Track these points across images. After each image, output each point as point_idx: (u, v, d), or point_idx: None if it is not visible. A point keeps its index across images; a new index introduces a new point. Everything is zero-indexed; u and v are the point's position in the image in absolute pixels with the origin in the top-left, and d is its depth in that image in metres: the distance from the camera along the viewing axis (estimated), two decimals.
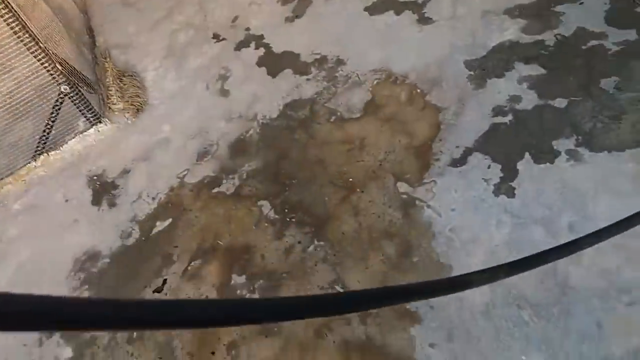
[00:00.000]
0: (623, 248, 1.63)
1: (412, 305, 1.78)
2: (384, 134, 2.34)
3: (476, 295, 1.72)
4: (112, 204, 2.73)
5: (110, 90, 3.34)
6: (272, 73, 2.88)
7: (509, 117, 2.11)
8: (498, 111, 2.16)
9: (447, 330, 1.68)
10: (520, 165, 1.96)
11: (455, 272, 1.79)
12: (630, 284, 1.56)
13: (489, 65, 2.31)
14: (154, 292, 2.32)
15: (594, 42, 2.18)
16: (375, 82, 2.55)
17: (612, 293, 1.56)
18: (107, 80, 3.42)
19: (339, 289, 1.93)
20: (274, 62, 2.93)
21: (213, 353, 1.98)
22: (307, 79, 2.75)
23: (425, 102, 2.36)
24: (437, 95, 2.34)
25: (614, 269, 1.60)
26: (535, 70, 2.21)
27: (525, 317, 1.62)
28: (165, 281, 2.31)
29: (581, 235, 1.54)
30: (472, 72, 2.33)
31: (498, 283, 1.72)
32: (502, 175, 1.96)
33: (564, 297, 1.61)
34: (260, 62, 2.97)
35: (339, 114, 2.51)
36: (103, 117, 3.13)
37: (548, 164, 1.92)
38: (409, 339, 1.72)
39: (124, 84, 3.36)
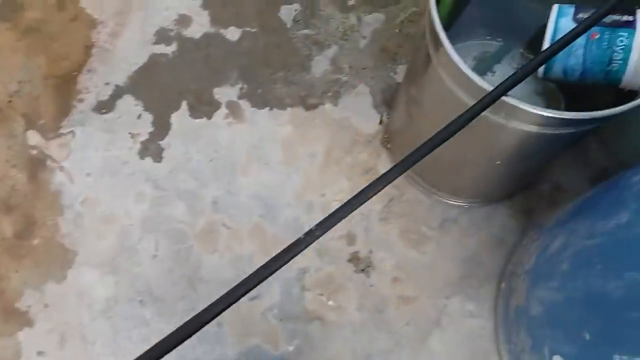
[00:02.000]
0: (258, 230, 1.47)
1: (22, 304, 1.45)
2: (20, 52, 1.71)
3: (98, 290, 1.46)
4: None
5: None
6: None
7: (173, 47, 1.67)
8: (162, 36, 1.69)
9: (60, 334, 1.42)
10: (174, 118, 1.60)
11: (80, 260, 1.48)
12: None
13: None
14: None
15: None
16: None
17: None
18: None
19: None
20: None
21: None
22: None
23: (77, 9, 1.75)
24: (94, 0, 1.75)
25: (246, 256, 1.46)
26: None
27: (147, 315, 1.42)
28: None
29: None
30: None
31: (125, 271, 1.47)
32: (152, 130, 1.59)
33: (192, 292, 1.44)
34: None
35: None
36: None
37: (205, 119, 1.59)
38: (16, 346, 1.42)
39: None
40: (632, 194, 0.92)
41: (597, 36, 0.93)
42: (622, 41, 0.93)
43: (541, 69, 1.02)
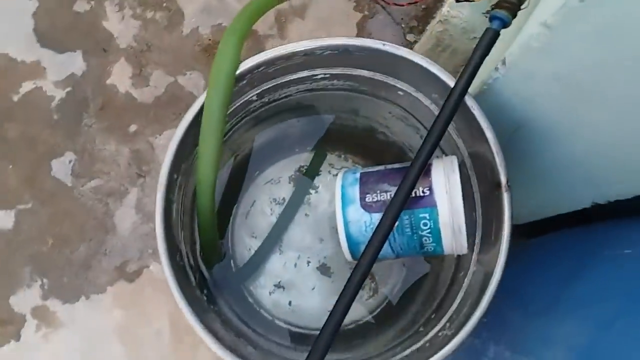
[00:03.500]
0: None
1: None
2: None
3: None
4: None
5: None
6: None
7: None
8: None
9: None
10: None
11: None
12: None
13: None
14: None
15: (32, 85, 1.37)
16: None
17: None
18: None
19: None
20: None
21: None
22: None
23: None
24: None
25: None
26: None
27: None
28: None
29: None
30: None
31: None
32: None
33: None
34: None
35: None
36: None
37: (13, 342, 1.26)
38: None
39: None
40: None
41: (395, 223, 0.70)
42: (426, 224, 0.70)
43: (349, 255, 0.78)
